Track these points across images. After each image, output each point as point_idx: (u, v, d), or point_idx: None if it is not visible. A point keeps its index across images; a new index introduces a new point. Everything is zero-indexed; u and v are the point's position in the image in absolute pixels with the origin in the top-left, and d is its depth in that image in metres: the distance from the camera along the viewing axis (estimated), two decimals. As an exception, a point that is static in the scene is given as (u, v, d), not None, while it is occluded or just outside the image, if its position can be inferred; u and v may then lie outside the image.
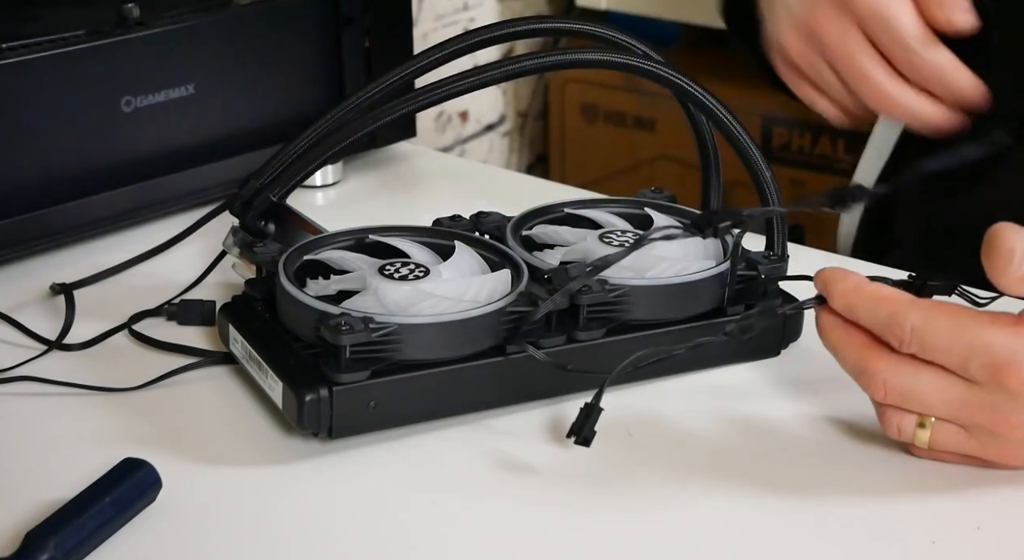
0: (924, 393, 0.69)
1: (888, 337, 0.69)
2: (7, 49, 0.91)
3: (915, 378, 0.69)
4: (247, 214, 0.83)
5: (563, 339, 0.77)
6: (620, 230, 0.84)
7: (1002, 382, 0.67)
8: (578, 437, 0.72)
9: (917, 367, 0.69)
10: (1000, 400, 0.68)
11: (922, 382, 0.69)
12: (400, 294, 0.76)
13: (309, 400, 0.72)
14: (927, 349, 0.68)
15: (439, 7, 2.13)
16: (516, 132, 2.36)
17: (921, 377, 0.69)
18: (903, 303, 0.69)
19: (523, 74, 0.81)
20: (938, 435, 0.70)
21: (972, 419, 0.69)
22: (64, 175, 0.95)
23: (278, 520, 0.69)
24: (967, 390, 0.69)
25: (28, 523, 0.65)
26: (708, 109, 0.84)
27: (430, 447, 0.75)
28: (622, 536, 0.68)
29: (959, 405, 0.69)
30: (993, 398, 0.68)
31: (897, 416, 0.71)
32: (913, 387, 0.69)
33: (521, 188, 1.16)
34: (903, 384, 0.70)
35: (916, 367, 0.69)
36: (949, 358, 0.68)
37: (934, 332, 0.68)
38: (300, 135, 0.82)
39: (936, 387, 0.69)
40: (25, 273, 0.93)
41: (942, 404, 0.69)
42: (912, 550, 0.68)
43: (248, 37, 1.03)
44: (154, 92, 0.98)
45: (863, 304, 0.70)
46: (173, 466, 0.70)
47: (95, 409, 0.78)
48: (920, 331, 0.68)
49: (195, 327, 0.86)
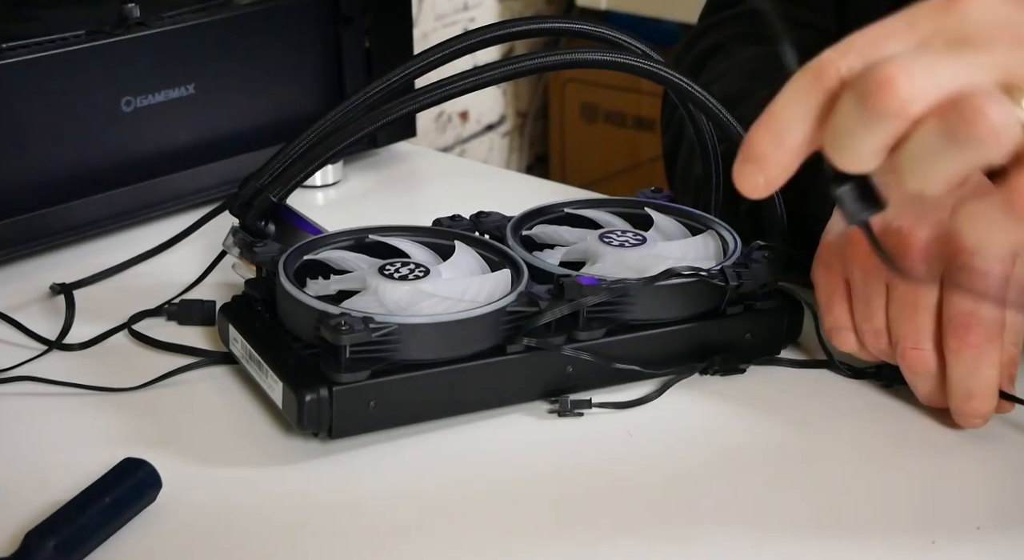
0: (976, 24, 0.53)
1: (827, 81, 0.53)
2: (7, 49, 0.91)
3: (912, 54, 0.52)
4: (247, 214, 0.83)
5: (563, 339, 0.77)
6: (620, 230, 0.84)
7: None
8: None
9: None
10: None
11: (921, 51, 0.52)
12: (400, 294, 0.76)
13: (309, 400, 0.72)
14: (865, 48, 0.53)
15: (439, 7, 2.13)
16: (516, 132, 2.36)
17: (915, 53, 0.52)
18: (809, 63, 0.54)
19: (523, 74, 0.81)
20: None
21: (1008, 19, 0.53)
22: (64, 175, 0.95)
23: (278, 520, 0.69)
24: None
25: (28, 523, 0.65)
26: (708, 109, 0.84)
27: (430, 447, 0.75)
28: (622, 536, 0.68)
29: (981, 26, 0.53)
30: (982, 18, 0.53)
31: (975, 98, 0.51)
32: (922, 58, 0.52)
33: (521, 188, 1.16)
34: (908, 61, 0.51)
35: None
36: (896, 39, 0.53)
37: (857, 35, 0.53)
38: (300, 135, 0.82)
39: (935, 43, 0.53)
40: (25, 273, 0.93)
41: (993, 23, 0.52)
42: (912, 550, 0.68)
43: (248, 37, 1.03)
44: (154, 92, 0.98)
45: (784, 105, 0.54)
46: (173, 466, 0.70)
47: (95, 409, 0.78)
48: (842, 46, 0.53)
49: (195, 327, 0.86)
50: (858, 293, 0.76)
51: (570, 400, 0.77)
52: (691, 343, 0.80)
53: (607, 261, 0.81)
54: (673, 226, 0.86)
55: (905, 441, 0.76)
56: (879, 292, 0.75)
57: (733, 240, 0.83)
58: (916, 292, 0.74)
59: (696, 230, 0.85)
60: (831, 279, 0.78)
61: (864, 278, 0.76)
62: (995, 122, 0.50)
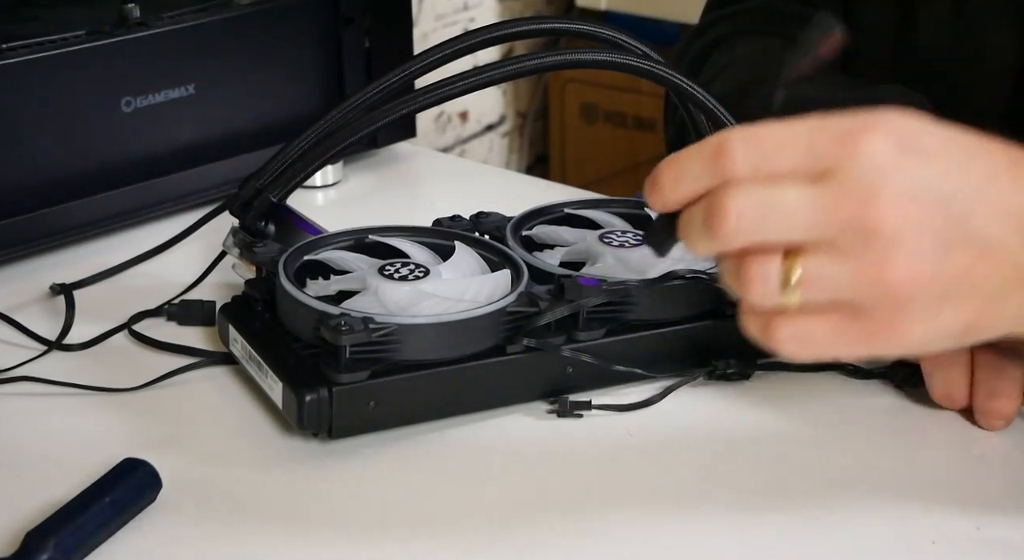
0: (778, 206, 0.59)
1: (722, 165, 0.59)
2: (7, 49, 0.91)
3: (765, 194, 0.59)
4: (247, 214, 0.83)
5: (563, 339, 0.77)
6: (620, 230, 0.84)
7: (860, 146, 0.58)
8: None
9: (762, 184, 0.59)
10: (862, 172, 0.58)
11: (774, 197, 0.59)
12: (400, 294, 0.76)
13: (309, 400, 0.72)
14: (768, 156, 0.59)
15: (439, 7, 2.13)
16: (516, 132, 2.36)
17: (772, 192, 0.59)
18: (721, 133, 0.60)
19: (523, 74, 0.81)
20: (809, 269, 0.59)
21: (839, 216, 0.59)
22: (64, 175, 0.95)
23: (278, 520, 0.69)
24: (824, 186, 0.58)
25: (28, 523, 0.65)
26: (708, 109, 0.84)
27: (430, 447, 0.75)
28: (622, 536, 0.68)
29: (820, 205, 0.59)
30: (854, 175, 0.58)
31: (758, 261, 0.60)
32: (766, 207, 0.59)
33: (521, 188, 1.16)
34: (755, 205, 0.59)
35: (761, 184, 0.59)
36: (793, 152, 0.59)
37: (767, 134, 0.59)
38: (300, 135, 0.82)
39: (792, 200, 0.59)
40: (25, 273, 0.93)
41: (801, 210, 0.59)
42: (912, 550, 0.68)
43: (248, 37, 1.03)
44: (154, 92, 0.98)
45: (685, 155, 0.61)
46: (173, 466, 0.70)
47: (95, 409, 0.78)
48: (751, 139, 0.59)
49: (195, 327, 0.86)
50: None
51: (570, 401, 0.77)
52: (691, 343, 0.80)
53: (607, 261, 0.81)
54: (673, 226, 0.86)
55: (906, 442, 0.76)
56: None
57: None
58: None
59: (696, 230, 0.85)
60: None
61: None
62: (755, 290, 0.60)
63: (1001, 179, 0.61)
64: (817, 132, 0.59)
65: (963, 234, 0.60)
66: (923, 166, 0.59)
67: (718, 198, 0.59)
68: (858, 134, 0.59)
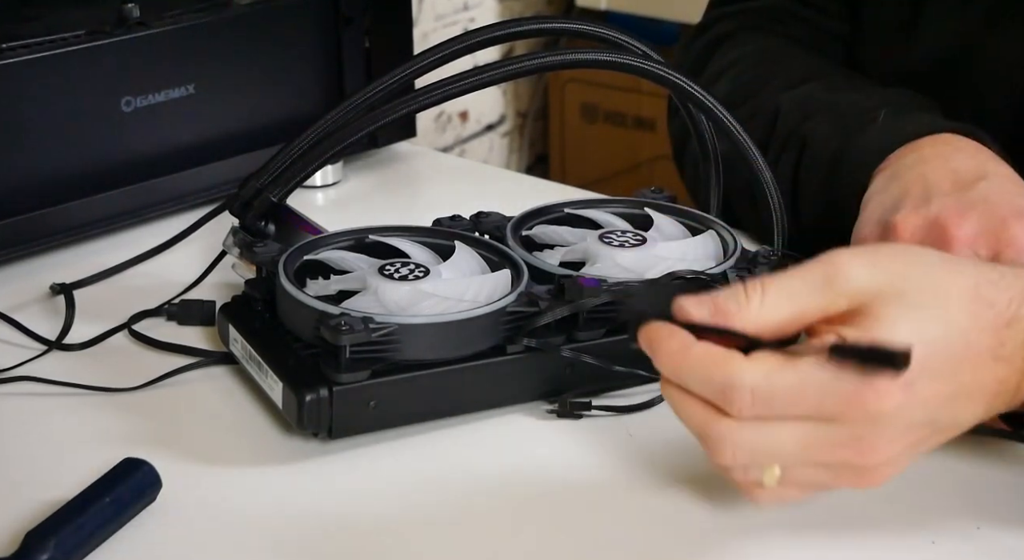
0: (777, 447, 0.61)
1: (727, 405, 0.60)
2: (7, 49, 0.91)
3: (765, 434, 0.61)
4: (247, 214, 0.83)
5: (563, 339, 0.77)
6: (620, 230, 0.84)
7: (864, 408, 0.60)
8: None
9: (764, 421, 0.61)
10: (862, 429, 0.61)
11: (774, 436, 0.61)
12: (400, 294, 0.76)
13: (309, 400, 0.72)
14: (775, 407, 0.60)
15: (439, 7, 2.13)
16: (516, 132, 2.36)
17: (772, 431, 0.61)
18: (735, 363, 0.60)
19: (523, 74, 0.81)
20: (790, 473, 0.62)
21: (833, 457, 0.62)
22: (64, 175, 0.95)
23: (278, 520, 0.69)
24: (825, 431, 0.61)
25: (28, 523, 0.65)
26: (708, 109, 0.84)
27: (430, 447, 0.75)
28: (622, 536, 0.68)
29: (818, 448, 0.61)
30: (854, 430, 0.61)
31: (744, 469, 0.63)
32: (764, 444, 0.61)
33: (521, 188, 1.16)
34: (753, 443, 0.61)
35: (763, 421, 0.61)
36: (801, 409, 0.60)
37: (778, 388, 0.60)
38: (300, 135, 0.82)
39: (791, 439, 0.61)
40: (25, 273, 0.93)
41: (800, 453, 0.61)
42: (912, 550, 0.68)
43: (248, 37, 1.03)
44: (154, 92, 0.98)
45: (693, 369, 0.61)
46: (173, 466, 0.70)
47: (95, 409, 0.78)
48: (762, 391, 0.60)
49: (195, 327, 0.86)
50: None
51: (570, 401, 0.77)
52: (691, 343, 0.80)
53: (607, 261, 0.81)
54: (673, 226, 0.86)
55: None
56: None
57: (733, 240, 0.83)
58: None
59: (696, 230, 0.85)
60: None
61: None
62: (735, 477, 0.63)
63: (985, 366, 0.63)
64: (827, 391, 0.60)
65: (944, 431, 0.64)
66: (925, 402, 0.61)
67: (717, 430, 0.61)
68: (867, 393, 0.60)
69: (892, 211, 0.78)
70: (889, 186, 0.81)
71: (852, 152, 0.87)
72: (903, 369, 0.59)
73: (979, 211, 0.76)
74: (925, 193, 0.78)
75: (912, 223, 0.77)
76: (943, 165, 0.80)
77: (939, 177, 0.79)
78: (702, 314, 0.61)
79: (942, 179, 0.79)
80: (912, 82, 0.93)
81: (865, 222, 0.80)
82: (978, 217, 0.75)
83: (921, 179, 0.80)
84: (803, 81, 0.95)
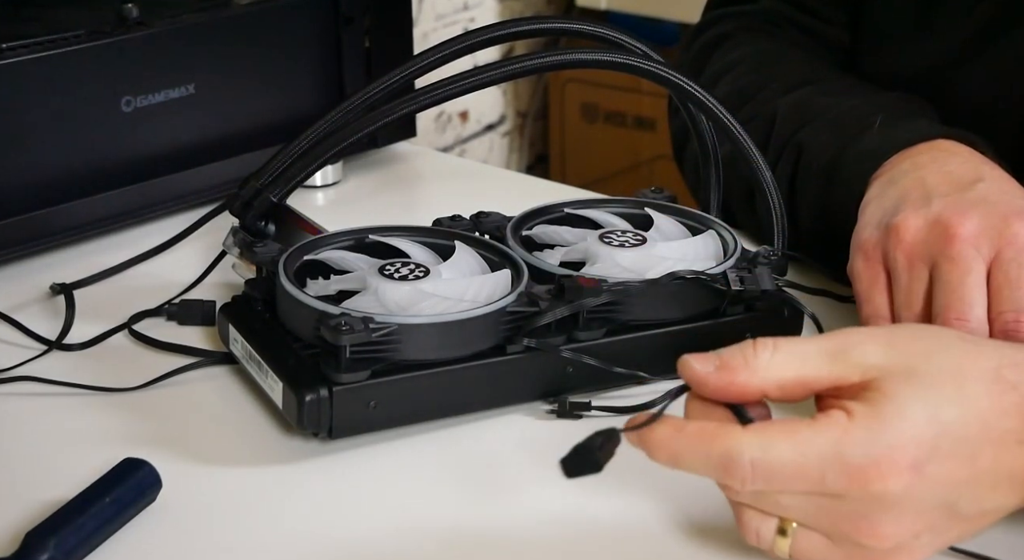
0: (782, 500, 0.61)
1: (728, 480, 0.60)
2: (7, 49, 0.91)
3: (766, 499, 0.61)
4: (247, 214, 0.83)
5: (563, 339, 0.77)
6: (620, 230, 0.84)
7: (865, 487, 0.59)
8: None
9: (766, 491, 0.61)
10: (865, 507, 0.60)
11: (775, 502, 0.61)
12: (400, 294, 0.76)
13: (309, 400, 0.72)
14: (775, 482, 0.60)
15: (439, 7, 2.13)
16: (516, 132, 2.36)
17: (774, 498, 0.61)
18: (732, 436, 0.60)
19: (523, 74, 0.81)
20: (800, 543, 0.62)
21: (836, 528, 0.61)
22: (64, 175, 0.95)
23: (278, 520, 0.69)
24: (829, 501, 0.60)
25: (28, 523, 0.65)
26: (708, 109, 0.84)
27: (430, 447, 0.75)
28: (622, 535, 0.68)
29: (821, 515, 0.61)
30: (857, 506, 0.60)
31: (756, 519, 0.62)
32: (766, 506, 0.62)
33: (521, 188, 1.16)
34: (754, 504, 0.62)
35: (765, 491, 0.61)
36: (802, 484, 0.60)
37: (777, 461, 0.59)
38: (300, 135, 0.82)
39: (794, 500, 0.61)
40: (25, 273, 0.93)
41: (803, 513, 0.61)
42: (912, 550, 0.67)
43: (248, 37, 1.03)
44: (154, 92, 0.98)
45: (689, 449, 0.60)
46: (173, 466, 0.70)
47: (95, 409, 0.78)
48: (762, 464, 0.59)
49: (195, 327, 0.86)
50: (900, 281, 0.77)
51: (569, 402, 0.77)
52: (691, 344, 0.80)
53: (607, 261, 0.81)
54: (673, 226, 0.86)
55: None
56: (922, 279, 0.76)
57: (733, 240, 0.83)
58: (963, 268, 0.74)
59: (696, 230, 0.85)
60: (872, 269, 0.78)
61: (908, 265, 0.76)
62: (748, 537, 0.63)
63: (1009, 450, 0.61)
64: (829, 466, 0.59)
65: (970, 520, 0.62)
66: (936, 485, 0.60)
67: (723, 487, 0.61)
68: (871, 471, 0.59)
69: (892, 214, 0.78)
70: (887, 191, 0.81)
71: (849, 159, 0.87)
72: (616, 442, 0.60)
73: (980, 210, 0.76)
74: (924, 195, 0.79)
75: (913, 224, 0.77)
76: (939, 169, 0.81)
77: (937, 180, 0.79)
78: (707, 368, 0.62)
79: (940, 182, 0.79)
80: (910, 87, 0.93)
81: (864, 226, 0.80)
82: (980, 216, 0.75)
83: (919, 183, 0.80)
84: (800, 85, 0.95)
